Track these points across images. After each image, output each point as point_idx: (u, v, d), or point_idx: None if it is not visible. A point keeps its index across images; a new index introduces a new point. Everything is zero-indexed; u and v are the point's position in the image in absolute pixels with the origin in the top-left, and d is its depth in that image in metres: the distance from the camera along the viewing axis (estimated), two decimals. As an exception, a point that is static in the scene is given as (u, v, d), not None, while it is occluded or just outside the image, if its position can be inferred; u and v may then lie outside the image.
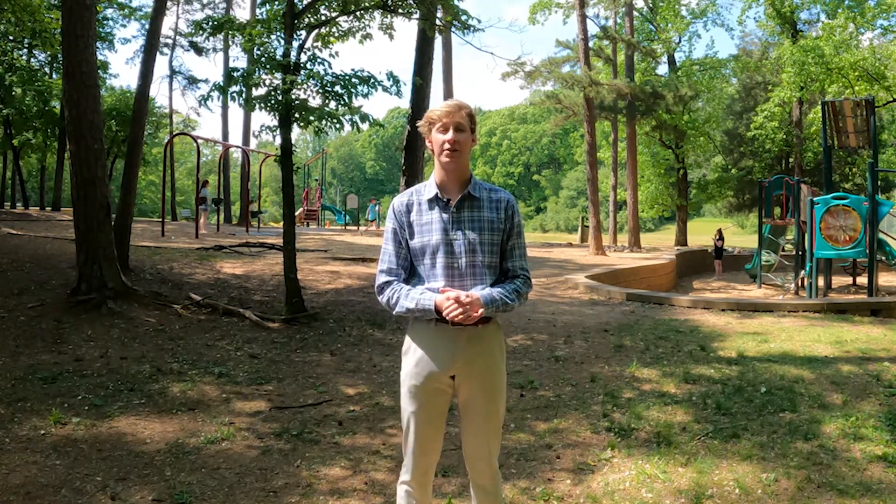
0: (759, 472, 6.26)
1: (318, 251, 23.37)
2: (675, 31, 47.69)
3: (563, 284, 19.57)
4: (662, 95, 40.94)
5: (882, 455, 6.65)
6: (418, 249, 3.99)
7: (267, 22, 13.23)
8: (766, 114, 46.51)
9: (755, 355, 10.74)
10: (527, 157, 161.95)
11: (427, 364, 4.04)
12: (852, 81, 39.20)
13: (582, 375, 9.51)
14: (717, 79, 50.26)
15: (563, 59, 42.89)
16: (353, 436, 7.07)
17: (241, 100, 12.65)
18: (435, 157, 4.04)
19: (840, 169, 49.61)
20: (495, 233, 4.06)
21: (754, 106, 51.68)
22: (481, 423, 4.17)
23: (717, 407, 8.10)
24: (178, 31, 50.75)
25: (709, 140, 51.38)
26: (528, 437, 7.07)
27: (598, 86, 35.10)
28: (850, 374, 9.67)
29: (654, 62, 50.20)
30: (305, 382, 9.04)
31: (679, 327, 13.03)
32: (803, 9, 46.22)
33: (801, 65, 38.44)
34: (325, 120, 12.46)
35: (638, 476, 6.15)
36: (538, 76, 38.61)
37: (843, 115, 25.05)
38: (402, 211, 4.02)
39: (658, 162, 50.75)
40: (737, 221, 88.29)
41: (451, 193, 4.04)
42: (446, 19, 16.14)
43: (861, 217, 20.71)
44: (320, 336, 11.65)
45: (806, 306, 15.90)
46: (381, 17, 15.38)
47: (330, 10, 14.09)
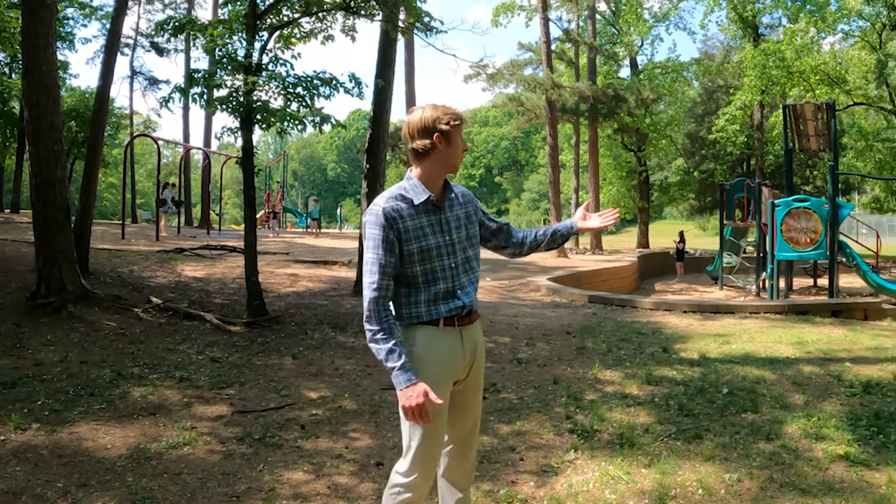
0: (722, 472, 6.28)
1: (279, 254, 23.28)
2: (637, 34, 47.94)
3: (525, 287, 19.59)
4: (624, 98, 41.11)
5: (844, 454, 6.69)
6: (416, 255, 3.95)
7: (229, 23, 13.13)
8: (728, 117, 46.91)
9: (717, 356, 10.78)
10: (488, 159, 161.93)
11: (452, 366, 4.10)
12: (813, 85, 39.60)
13: (544, 377, 9.50)
14: (678, 82, 50.53)
15: (526, 61, 42.93)
16: (316, 440, 7.01)
17: (203, 101, 12.57)
18: (444, 159, 4.03)
19: (801, 172, 50.13)
20: (473, 225, 4.21)
21: (716, 109, 52.13)
22: (474, 417, 4.33)
23: (680, 408, 8.12)
24: (139, 31, 50.36)
25: (670, 143, 51.70)
26: (491, 440, 7.05)
27: (561, 88, 35.21)
28: (811, 375, 9.72)
29: (617, 65, 50.37)
30: (267, 386, 8.98)
31: (641, 329, 13.06)
32: (765, 13, 46.69)
33: (763, 68, 38.79)
34: (287, 121, 12.40)
35: (601, 477, 6.14)
36: (500, 78, 38.67)
37: (804, 119, 25.27)
38: (395, 217, 3.90)
39: (620, 164, 50.92)
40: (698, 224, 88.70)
41: (436, 195, 4.06)
42: (409, 21, 16.09)
43: (822, 219, 20.87)
44: (282, 339, 11.58)
45: (767, 308, 16.00)
46: (343, 18, 15.31)
47: (292, 11, 14.01)
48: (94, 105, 17.03)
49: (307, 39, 14.72)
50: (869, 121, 46.05)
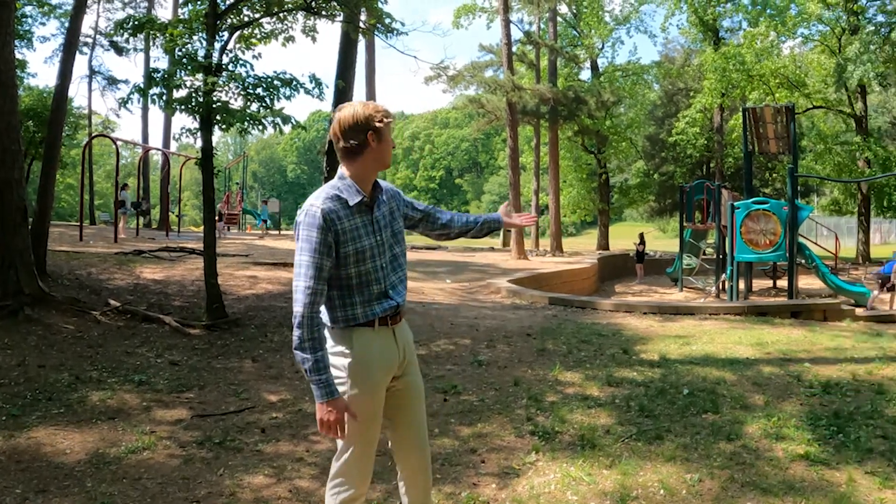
0: (684, 472, 6.31)
1: (238, 256, 23.17)
2: (598, 36, 48.03)
3: (485, 289, 19.60)
4: (585, 101, 41.20)
5: (804, 454, 6.75)
6: (351, 257, 3.92)
7: (189, 22, 13.05)
8: (688, 119, 47.17)
9: (677, 358, 10.83)
10: (449, 161, 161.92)
11: (390, 366, 4.11)
12: (773, 88, 39.96)
13: (505, 379, 9.50)
14: (639, 84, 50.68)
15: (487, 63, 42.93)
16: (277, 443, 6.97)
17: (162, 102, 12.47)
18: (376, 157, 4.01)
19: (760, 174, 50.53)
20: (397, 222, 4.21)
21: (676, 112, 52.45)
22: (422, 415, 4.35)
23: (641, 409, 8.15)
24: (98, 30, 49.86)
25: (631, 145, 51.84)
26: (452, 442, 7.04)
27: (521, 90, 35.24)
28: (771, 375, 9.80)
29: (577, 67, 50.45)
30: (227, 389, 8.92)
31: (601, 331, 13.09)
32: (726, 17, 46.97)
33: (723, 71, 39.08)
34: (247, 122, 12.32)
35: (563, 479, 6.15)
36: (461, 80, 38.69)
37: (764, 122, 25.44)
38: (333, 219, 3.85)
39: (580, 167, 51.02)
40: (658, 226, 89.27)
41: (368, 194, 4.03)
42: (370, 22, 16.07)
43: (781, 221, 21.01)
44: (241, 342, 11.52)
45: (727, 309, 16.09)
46: (304, 18, 15.25)
47: (253, 11, 13.96)
48: (52, 105, 16.88)
49: (268, 40, 14.66)
50: (828, 124, 46.43)
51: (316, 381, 3.77)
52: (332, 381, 3.81)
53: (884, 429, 7.60)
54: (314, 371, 3.77)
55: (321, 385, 3.78)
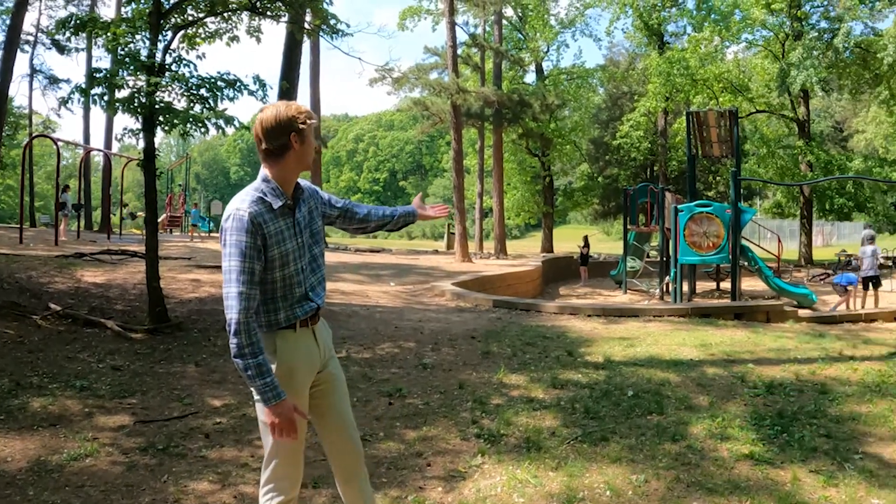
0: (629, 473, 6.36)
1: (181, 259, 22.95)
2: (543, 40, 48.15)
3: (429, 291, 19.58)
4: (529, 103, 41.31)
5: (749, 454, 6.85)
6: (276, 260, 3.92)
7: (132, 21, 12.90)
8: (632, 123, 47.45)
9: (622, 359, 10.90)
10: (393, 163, 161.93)
11: (313, 367, 4.14)
12: (717, 92, 40.39)
13: (450, 382, 9.50)
14: (584, 88, 50.91)
15: (432, 65, 42.88)
16: (221, 449, 6.91)
17: (103, 102, 12.31)
18: (298, 158, 3.99)
19: (704, 177, 50.94)
20: (315, 222, 4.22)
21: (620, 115, 52.72)
22: (348, 407, 4.38)
23: (586, 411, 8.20)
24: (40, 28, 49.12)
25: (575, 148, 52.09)
26: (397, 446, 7.03)
27: (466, 93, 35.24)
28: (715, 376, 9.90)
29: (522, 70, 50.60)
30: (170, 395, 8.82)
31: (546, 333, 13.13)
32: (670, 21, 47.35)
33: (667, 76, 39.43)
34: (190, 123, 12.20)
35: (509, 481, 6.16)
36: (406, 82, 38.57)
37: (708, 126, 25.68)
38: (260, 222, 3.82)
39: (524, 169, 51.15)
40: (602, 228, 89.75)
41: (289, 195, 4.02)
42: (315, 23, 16.00)
43: (724, 224, 21.18)
44: (184, 346, 11.39)
45: (671, 311, 16.22)
46: (248, 19, 15.14)
47: (197, 10, 13.83)
48: (-8, 105, 16.65)
49: (212, 40, 14.55)
50: (771, 128, 46.93)
51: (261, 385, 3.75)
52: (276, 383, 3.78)
53: (827, 428, 7.72)
54: (258, 376, 3.73)
55: (267, 389, 3.75)
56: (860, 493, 6.07)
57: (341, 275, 22.35)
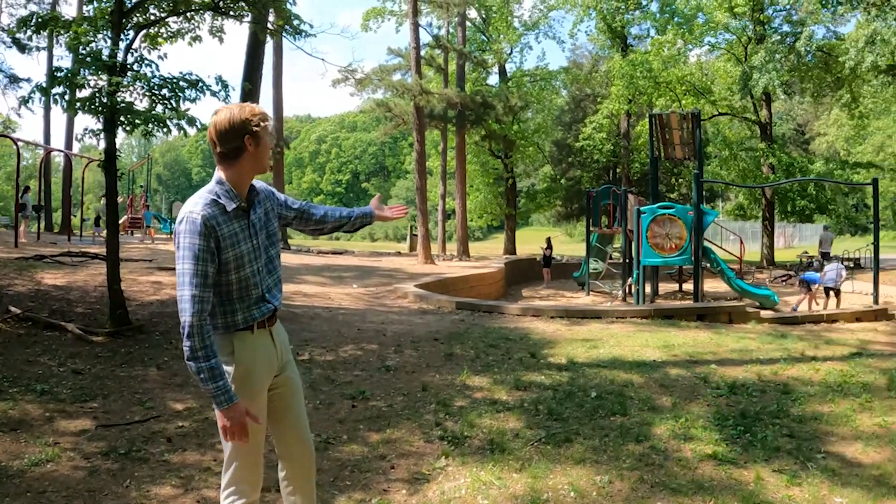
0: (593, 474, 6.37)
1: (142, 261, 22.77)
2: (506, 42, 48.24)
3: (392, 293, 19.56)
4: (492, 105, 41.37)
5: (712, 454, 6.89)
6: (231, 262, 3.92)
7: (94, 20, 12.78)
8: (595, 125, 47.63)
9: (585, 361, 10.92)
10: (356, 165, 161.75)
11: (270, 369, 4.14)
12: (679, 95, 40.59)
13: (413, 385, 9.49)
14: (547, 90, 51.03)
15: (395, 67, 42.87)
16: (183, 453, 6.85)
17: (64, 102, 12.18)
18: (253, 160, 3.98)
19: (666, 179, 51.24)
20: (271, 223, 4.22)
21: (583, 117, 52.91)
22: (303, 412, 4.41)
23: (549, 412, 8.20)
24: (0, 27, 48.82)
25: (538, 150, 52.18)
26: (361, 449, 6.99)
27: (429, 94, 35.24)
28: (678, 377, 9.94)
29: (486, 72, 50.66)
30: (132, 398, 8.74)
31: (509, 335, 13.14)
32: (634, 24, 47.52)
33: (630, 78, 39.59)
34: (152, 124, 12.10)
35: (473, 483, 6.16)
36: (369, 84, 38.51)
37: (670, 128, 25.83)
38: (213, 225, 3.82)
39: (487, 171, 51.24)
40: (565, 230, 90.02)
41: (243, 197, 4.02)
42: (278, 23, 15.93)
43: (686, 226, 21.29)
44: (146, 349, 11.29)
45: (634, 312, 16.28)
46: (211, 19, 15.05)
47: (159, 9, 13.73)
48: (-50, 106, 16.44)
49: (174, 39, 14.45)
50: (733, 130, 47.25)
51: (214, 389, 3.75)
52: (229, 387, 3.80)
53: (790, 428, 7.78)
54: (210, 379, 3.74)
55: (220, 392, 3.76)
56: (823, 491, 6.12)
57: (303, 277, 22.29)
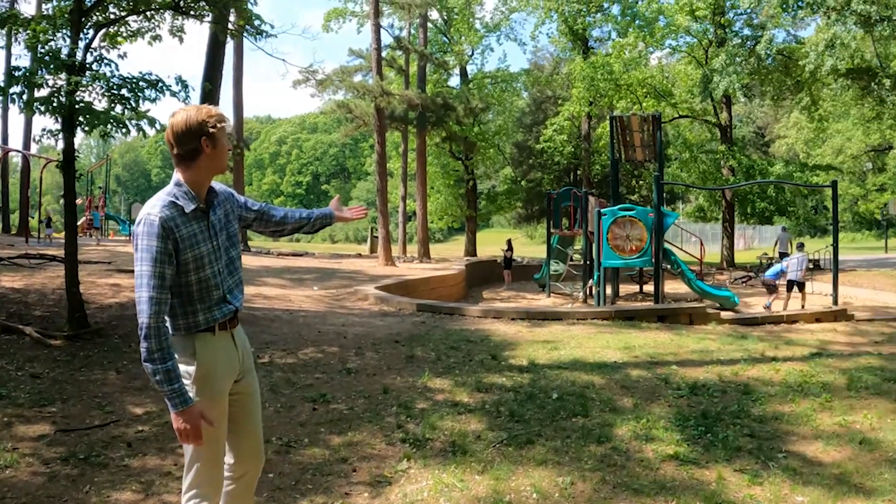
0: (555, 476, 6.39)
1: (101, 263, 22.60)
2: (468, 43, 48.29)
3: (353, 296, 19.51)
4: (453, 107, 41.36)
5: (674, 454, 6.93)
6: (191, 264, 3.92)
7: (53, 18, 12.64)
8: (556, 127, 47.71)
9: (546, 363, 10.93)
10: (316, 166, 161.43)
11: (232, 370, 4.16)
12: (640, 97, 40.78)
13: (374, 387, 9.45)
14: (508, 92, 51.18)
15: (356, 68, 42.74)
16: (143, 457, 6.79)
17: (22, 102, 12.05)
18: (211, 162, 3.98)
19: (627, 181, 51.50)
20: (232, 224, 4.22)
21: (544, 119, 53.03)
22: (259, 420, 4.42)
23: (511, 414, 8.20)
24: (-44, 25, 48.23)
25: (499, 152, 52.31)
26: (322, 452, 6.96)
27: (390, 96, 35.20)
28: (639, 378, 9.97)
29: (447, 74, 50.70)
30: (91, 402, 8.65)
31: (470, 337, 13.13)
32: (595, 26, 47.62)
33: (591, 80, 39.69)
34: (111, 124, 11.99)
35: (436, 486, 6.16)
36: (330, 85, 38.37)
37: (631, 130, 25.89)
38: (171, 227, 3.82)
39: (448, 173, 51.27)
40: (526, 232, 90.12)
41: (203, 199, 4.03)
42: (239, 23, 15.87)
43: (647, 227, 21.34)
44: (105, 353, 11.17)
45: (595, 314, 16.31)
46: (172, 18, 14.96)
47: (119, 8, 13.62)
48: None
49: (134, 39, 14.35)
50: (694, 133, 47.60)
51: (169, 391, 3.77)
52: (184, 389, 3.81)
53: (751, 427, 7.84)
54: (166, 381, 3.77)
55: (174, 395, 3.78)
56: (784, 490, 6.18)
57: (264, 279, 22.21)
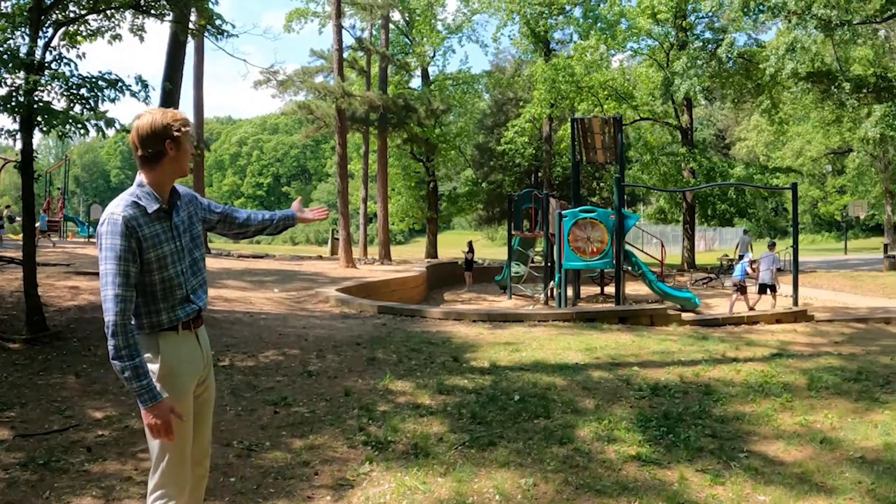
0: (518, 477, 6.40)
1: (59, 265, 22.41)
2: (430, 45, 48.34)
3: (313, 298, 19.45)
4: (415, 108, 41.33)
5: (636, 455, 6.96)
6: (153, 263, 3.97)
7: (11, 16, 12.52)
8: (517, 129, 47.71)
9: (508, 364, 10.93)
10: (277, 167, 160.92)
11: (196, 369, 4.20)
12: (602, 100, 40.95)
13: (336, 390, 9.42)
14: (469, 93, 51.26)
15: (317, 68, 42.58)
16: (104, 462, 6.71)
17: (-22, 102, 11.91)
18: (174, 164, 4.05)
19: (588, 183, 51.66)
20: (195, 226, 4.29)
21: (505, 121, 52.98)
22: (210, 426, 4.51)
23: (473, 416, 8.20)
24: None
25: (460, 154, 52.38)
26: (284, 455, 6.92)
27: (351, 97, 35.10)
28: (601, 380, 10.00)
29: (409, 75, 50.65)
30: (50, 407, 8.55)
31: (431, 339, 13.12)
32: (557, 29, 47.82)
33: (553, 82, 39.80)
34: (70, 124, 11.87)
35: (398, 489, 6.13)
36: (291, 85, 38.23)
37: (592, 132, 25.98)
38: (134, 226, 3.88)
39: (409, 175, 51.25)
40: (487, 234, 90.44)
41: (166, 201, 4.08)
42: (200, 23, 15.76)
43: (608, 229, 21.43)
44: (64, 356, 11.04)
45: (556, 316, 16.34)
46: (132, 17, 14.84)
47: (79, 7, 13.49)
48: None
49: (94, 38, 14.24)
50: (655, 135, 47.82)
51: (138, 387, 3.80)
52: (153, 385, 3.85)
53: (712, 428, 7.90)
54: (135, 378, 3.79)
55: (144, 390, 3.81)
56: (746, 490, 6.22)
57: (224, 281, 22.09)
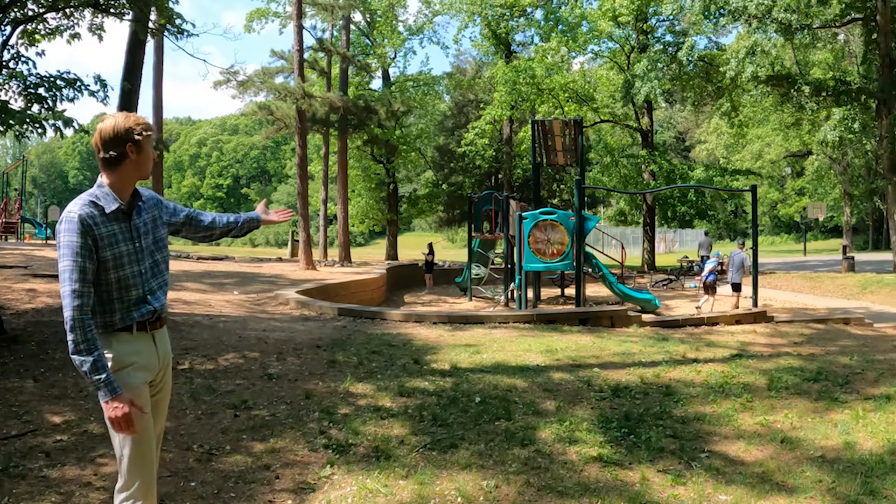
0: (480, 479, 6.40)
1: (16, 267, 22.19)
2: (391, 46, 48.40)
3: (273, 300, 19.37)
4: (375, 110, 41.34)
5: (597, 456, 6.99)
6: (109, 262, 4.01)
7: (-29, 15, 12.41)
8: (478, 131, 47.86)
9: (468, 366, 10.92)
10: (237, 169, 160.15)
11: (149, 370, 4.22)
12: (562, 102, 41.13)
13: (296, 393, 9.36)
14: (430, 95, 51.40)
15: (278, 69, 42.43)
16: (63, 467, 6.62)
17: (-66, 101, 11.77)
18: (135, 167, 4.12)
19: (548, 185, 51.89)
20: (159, 229, 4.34)
21: (466, 123, 53.19)
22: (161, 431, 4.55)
23: (434, 418, 8.19)
24: None
25: (420, 155, 52.42)
26: (244, 459, 6.87)
27: (311, 98, 35.01)
28: (562, 381, 10.02)
29: (369, 76, 50.71)
30: (8, 412, 8.43)
31: (392, 341, 13.09)
32: (518, 31, 48.02)
33: (513, 84, 39.93)
34: (27, 124, 11.75)
35: (360, 492, 6.12)
36: (251, 86, 38.06)
37: (553, 134, 26.06)
38: (90, 224, 3.93)
39: (369, 176, 51.29)
40: (447, 236, 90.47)
41: (126, 202, 4.12)
42: (160, 22, 15.68)
43: (568, 231, 21.47)
44: (21, 360, 10.89)
45: (516, 317, 16.33)
46: (91, 16, 14.73)
47: (38, 5, 13.38)
48: None
49: (52, 36, 14.12)
50: (615, 137, 48.15)
51: (97, 381, 3.85)
52: (112, 378, 3.89)
53: (673, 428, 7.95)
54: (94, 371, 3.84)
55: (103, 384, 3.85)
56: (708, 490, 6.28)
57: (183, 283, 21.96)
